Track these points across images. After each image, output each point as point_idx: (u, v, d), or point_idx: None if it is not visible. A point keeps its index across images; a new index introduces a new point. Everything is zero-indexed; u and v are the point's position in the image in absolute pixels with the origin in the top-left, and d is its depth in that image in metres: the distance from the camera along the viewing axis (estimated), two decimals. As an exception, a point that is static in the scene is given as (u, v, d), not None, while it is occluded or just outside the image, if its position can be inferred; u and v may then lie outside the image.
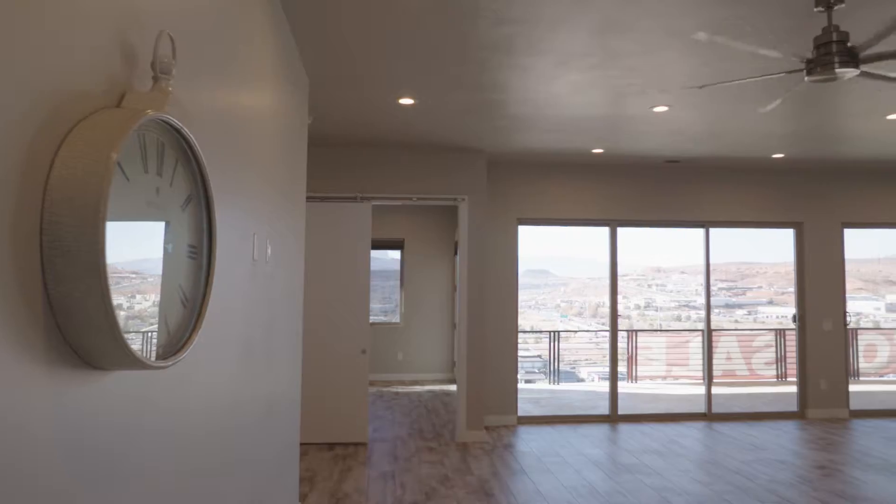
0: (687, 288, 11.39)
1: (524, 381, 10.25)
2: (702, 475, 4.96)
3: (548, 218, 6.94)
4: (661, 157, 6.54)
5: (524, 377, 10.35)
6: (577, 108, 4.71)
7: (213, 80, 2.01)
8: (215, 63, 2.02)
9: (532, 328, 10.74)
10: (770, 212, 7.18)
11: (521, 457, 5.52)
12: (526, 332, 10.55)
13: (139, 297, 1.32)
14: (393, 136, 5.70)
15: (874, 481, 4.79)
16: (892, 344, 10.29)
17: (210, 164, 1.97)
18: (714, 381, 9.69)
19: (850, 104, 4.66)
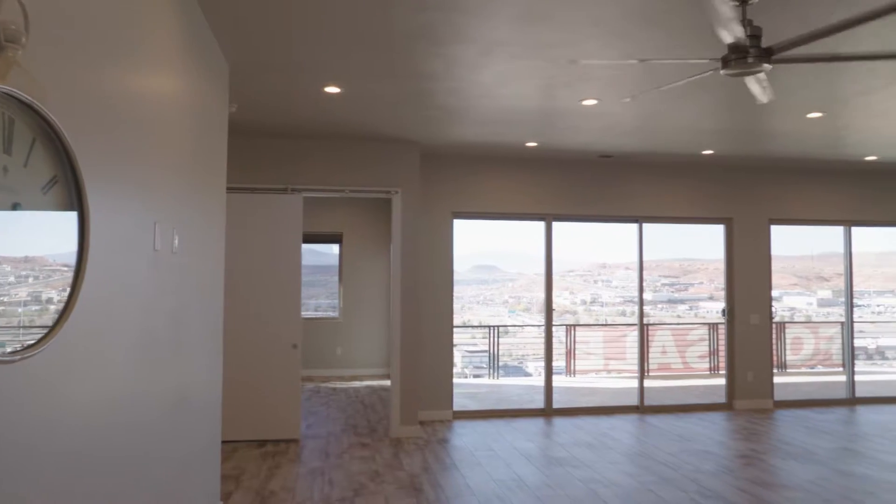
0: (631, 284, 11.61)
1: (472, 376, 10.28)
2: (630, 467, 5.02)
3: (483, 212, 6.92)
4: (595, 152, 6.60)
5: (473, 372, 10.39)
6: (507, 99, 4.69)
7: (97, 60, 1.87)
8: (99, 42, 1.88)
9: (480, 323, 10.76)
10: (701, 208, 7.34)
11: (453, 451, 5.48)
12: (462, 328, 10.58)
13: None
14: (322, 126, 5.56)
15: (791, 469, 4.94)
16: (817, 337, 10.72)
17: (92, 147, 1.83)
18: (650, 374, 9.89)
19: (772, 102, 4.77)
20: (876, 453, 5.40)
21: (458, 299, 12.04)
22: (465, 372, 10.51)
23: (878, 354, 11.23)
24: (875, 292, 11.74)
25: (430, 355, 6.73)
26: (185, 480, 3.10)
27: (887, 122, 5.31)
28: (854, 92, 4.46)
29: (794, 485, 4.56)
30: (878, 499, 4.29)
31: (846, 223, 7.74)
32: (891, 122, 5.29)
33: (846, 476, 4.77)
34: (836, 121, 5.23)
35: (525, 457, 5.30)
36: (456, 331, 10.57)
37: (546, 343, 7.08)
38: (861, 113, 4.99)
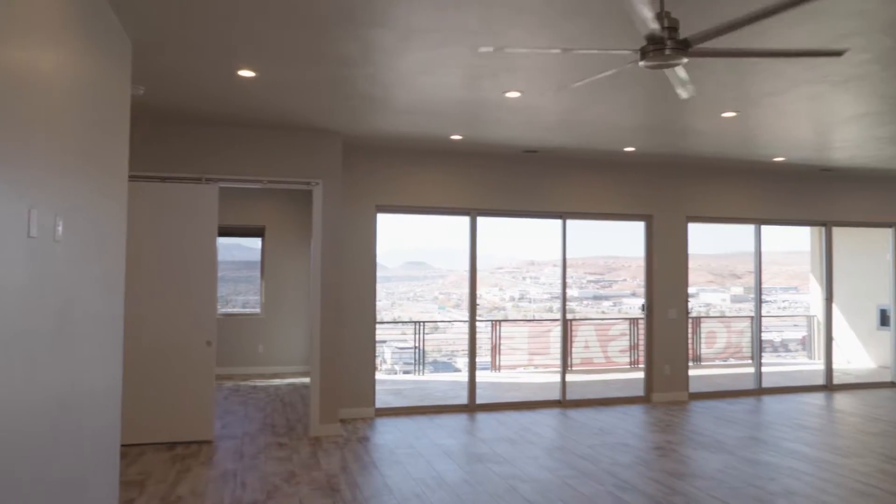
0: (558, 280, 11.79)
1: (402, 372, 10.18)
2: (549, 462, 5.03)
3: (408, 206, 6.81)
4: (520, 147, 6.60)
5: (403, 368, 10.29)
6: (429, 89, 4.59)
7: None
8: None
9: (410, 319, 10.66)
10: (623, 204, 7.49)
11: (374, 449, 5.36)
12: (389, 324, 10.48)
13: None
14: (239, 113, 5.31)
15: (702, 458, 5.08)
16: (729, 331, 11.20)
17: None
18: (573, 368, 10.06)
19: (690, 101, 4.88)
20: (778, 440, 5.64)
21: (389, 295, 11.95)
22: (394, 368, 10.40)
23: (782, 347, 11.86)
24: (781, 289, 12.40)
25: (352, 352, 6.57)
26: (73, 492, 2.85)
27: (794, 124, 5.54)
28: (764, 92, 4.61)
29: (704, 474, 4.69)
30: (778, 483, 4.46)
31: (757, 221, 8.07)
32: (797, 123, 5.52)
33: (752, 463, 4.95)
34: (748, 120, 5.41)
35: (446, 454, 5.24)
36: (386, 327, 10.52)
37: (470, 339, 7.05)
38: (771, 113, 5.18)
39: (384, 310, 11.24)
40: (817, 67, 4.07)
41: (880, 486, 4.43)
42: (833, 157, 7.08)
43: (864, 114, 5.22)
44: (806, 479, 4.60)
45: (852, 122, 5.48)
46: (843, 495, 4.25)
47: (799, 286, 12.08)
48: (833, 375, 8.38)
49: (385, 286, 11.42)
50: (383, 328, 10.52)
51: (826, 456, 5.18)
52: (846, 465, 4.92)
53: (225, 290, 9.90)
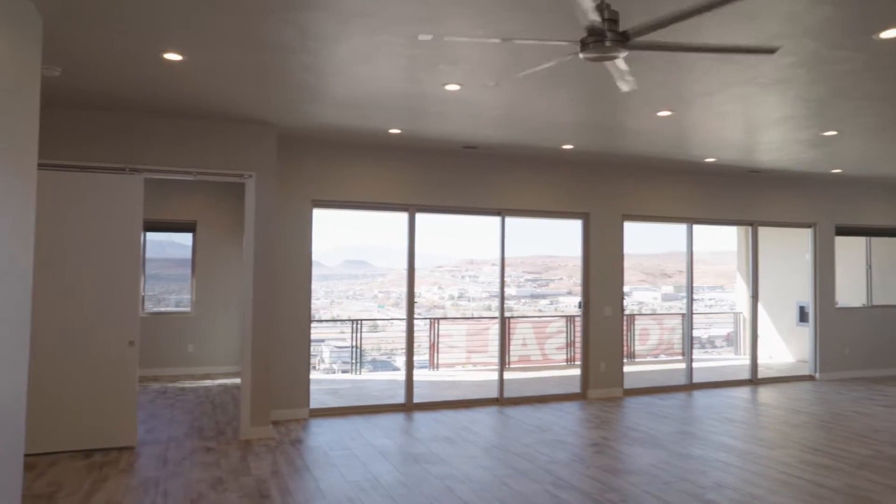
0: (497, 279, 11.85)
1: (341, 372, 9.98)
2: (487, 460, 4.99)
3: (345, 201, 6.64)
4: (460, 143, 6.54)
5: (342, 367, 10.08)
6: (367, 80, 4.46)
7: None
8: None
9: (349, 318, 10.47)
10: (561, 202, 7.54)
11: (307, 452, 5.19)
12: (326, 322, 10.28)
13: None
14: (166, 100, 5.03)
15: (636, 454, 5.15)
16: (661, 328, 11.50)
17: None
18: (510, 366, 10.11)
19: (627, 99, 4.92)
20: (708, 434, 5.78)
21: (328, 294, 11.72)
22: (333, 367, 10.20)
23: (709, 343, 12.29)
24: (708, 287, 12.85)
25: (286, 351, 6.36)
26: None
27: (724, 125, 5.68)
28: (698, 92, 4.69)
29: (638, 469, 4.74)
30: (709, 477, 4.55)
31: (689, 221, 8.28)
32: (727, 124, 5.66)
33: (684, 458, 5.04)
34: (682, 120, 5.51)
35: (382, 455, 5.12)
36: (324, 326, 10.30)
37: (408, 338, 6.94)
38: (703, 113, 5.28)
39: (323, 308, 11.04)
40: (748, 69, 4.16)
41: (803, 477, 4.58)
42: (759, 158, 7.33)
43: (789, 117, 5.40)
44: (734, 471, 4.71)
45: (777, 124, 5.66)
46: (769, 486, 4.37)
47: (724, 285, 12.53)
48: (758, 370, 8.69)
49: (324, 284, 11.23)
50: (322, 327, 10.32)
51: (753, 448, 5.34)
52: (771, 457, 5.07)
53: (158, 288, 9.47)
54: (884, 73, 4.25)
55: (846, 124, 5.65)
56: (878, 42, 3.67)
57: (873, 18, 3.34)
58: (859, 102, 4.94)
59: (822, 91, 4.64)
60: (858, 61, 4.00)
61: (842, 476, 4.61)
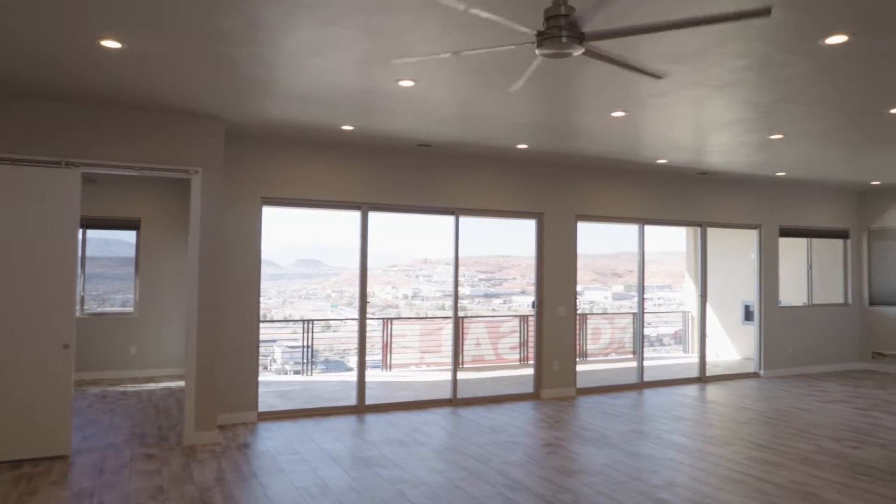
0: (451, 278, 11.81)
1: (293, 372, 9.77)
2: (439, 463, 4.91)
3: (296, 199, 6.47)
4: (414, 140, 6.45)
5: (294, 368, 9.87)
6: (317, 74, 4.33)
7: None
8: None
9: (302, 318, 10.27)
10: (515, 202, 7.52)
11: (255, 457, 5.01)
12: (275, 322, 10.06)
13: None
14: (105, 91, 4.79)
15: (589, 454, 5.15)
16: (613, 327, 11.65)
17: None
18: (464, 366, 10.07)
19: (581, 98, 4.92)
20: (659, 433, 5.84)
21: (281, 293, 11.48)
22: (285, 368, 9.98)
23: (657, 341, 12.53)
24: (658, 287, 13.11)
25: (233, 353, 6.15)
26: None
27: (676, 126, 5.74)
28: (651, 93, 4.71)
29: (591, 470, 4.74)
30: (660, 476, 4.58)
31: (641, 221, 8.38)
32: (679, 126, 5.73)
33: (636, 457, 5.07)
34: (636, 121, 5.55)
35: (333, 459, 4.98)
36: (277, 326, 10.06)
37: (360, 338, 6.81)
38: (656, 114, 5.33)
39: (275, 308, 10.83)
40: (701, 71, 4.19)
41: (750, 473, 4.65)
42: (709, 161, 7.47)
43: (738, 120, 5.50)
44: (685, 469, 4.76)
45: (727, 127, 5.76)
46: (719, 484, 4.42)
47: (673, 284, 12.79)
48: (706, 368, 8.87)
49: (276, 284, 11.04)
50: (274, 327, 10.11)
51: (702, 446, 5.41)
52: (720, 454, 5.15)
53: (103, 287, 9.07)
54: (828, 79, 4.34)
55: (792, 128, 5.79)
56: (823, 48, 3.74)
57: (819, 24, 3.40)
58: (804, 107, 5.05)
59: (770, 95, 4.72)
60: (805, 66, 4.08)
61: (786, 472, 4.70)
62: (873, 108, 5.11)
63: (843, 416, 6.63)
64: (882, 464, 4.94)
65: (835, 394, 7.86)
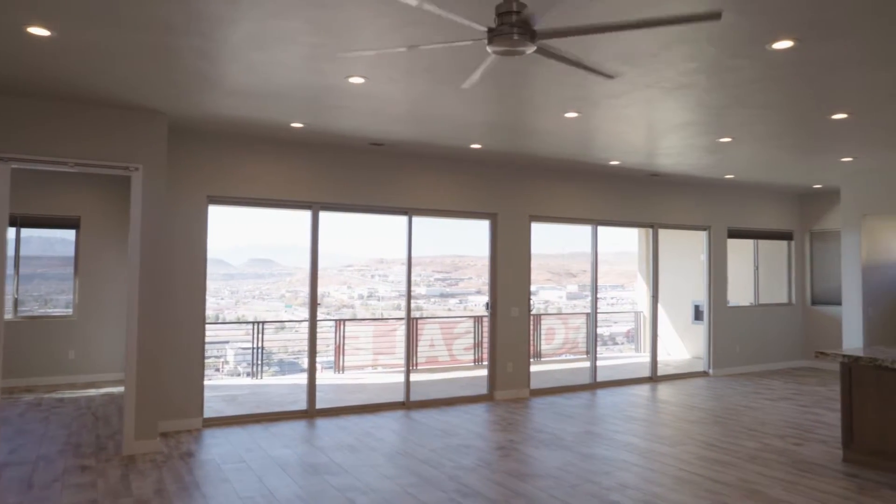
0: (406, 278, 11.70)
1: (246, 374, 9.51)
2: (391, 469, 4.81)
3: (244, 197, 6.27)
4: (366, 139, 6.32)
5: (247, 370, 9.61)
6: (264, 68, 4.17)
7: None
8: None
9: (255, 318, 10.01)
10: (469, 202, 7.46)
11: (198, 466, 4.81)
12: (223, 324, 9.79)
13: None
14: (36, 81, 4.52)
15: (542, 457, 5.12)
16: (566, 327, 11.73)
17: None
18: (418, 367, 9.97)
19: (534, 99, 4.88)
20: (612, 433, 5.86)
21: (234, 294, 11.18)
22: (238, 370, 9.72)
23: (610, 340, 12.69)
24: (611, 286, 13.28)
25: (177, 356, 5.92)
26: None
27: (628, 128, 5.77)
28: (604, 94, 4.71)
29: (544, 473, 4.71)
30: (613, 478, 4.58)
31: (594, 222, 8.43)
32: (631, 127, 5.76)
33: (588, 459, 5.06)
34: (589, 122, 5.55)
35: (280, 466, 4.82)
36: (229, 327, 9.78)
37: (310, 340, 6.64)
38: (609, 115, 5.33)
39: (228, 308, 10.56)
40: (653, 72, 4.20)
41: (700, 473, 4.69)
42: (660, 163, 7.56)
43: (689, 122, 5.55)
44: (637, 470, 4.77)
45: (678, 129, 5.82)
46: (670, 485, 4.44)
47: (625, 284, 12.98)
48: (657, 367, 8.99)
49: (229, 284, 10.78)
50: (226, 329, 9.83)
51: (654, 446, 5.44)
52: (671, 454, 5.18)
53: (45, 288, 8.64)
54: (775, 84, 4.41)
55: (740, 132, 5.88)
56: (770, 53, 3.78)
57: (766, 29, 3.43)
58: (753, 111, 5.13)
59: (720, 98, 4.77)
60: (754, 70, 4.12)
61: (734, 470, 4.76)
62: (816, 114, 5.23)
63: (788, 413, 6.79)
64: (823, 460, 5.06)
65: (780, 391, 8.05)
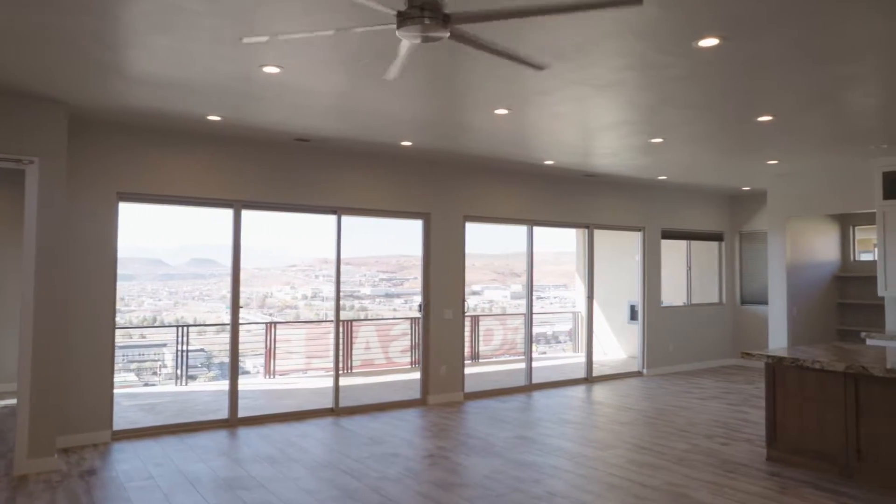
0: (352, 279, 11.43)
1: (191, 378, 9.09)
2: (311, 482, 4.55)
3: (160, 195, 5.88)
4: (290, 134, 6.02)
5: (189, 374, 9.20)
6: (168, 55, 3.85)
7: None
8: None
9: (195, 321, 9.59)
10: (401, 201, 7.25)
11: (99, 486, 4.44)
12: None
13: None
14: (-89, 63, 4.07)
15: (471, 464, 4.96)
16: (505, 328, 11.66)
17: None
18: (352, 371, 9.70)
19: (462, 94, 4.71)
20: (544, 438, 5.76)
21: (172, 295, 10.68)
22: (176, 373, 9.30)
23: (553, 339, 12.72)
24: (554, 286, 13.32)
25: (83, 364, 5.49)
26: None
27: (562, 126, 5.67)
28: (534, 90, 4.58)
29: (472, 482, 4.54)
30: (542, 485, 4.45)
31: (529, 222, 8.35)
32: (564, 126, 5.66)
33: (518, 465, 4.93)
34: (521, 119, 5.41)
35: (191, 483, 4.50)
36: (165, 331, 9.31)
37: (231, 344, 6.29)
38: (540, 113, 5.21)
39: (166, 310, 10.15)
40: (583, 68, 4.09)
41: (630, 478, 4.62)
42: (595, 163, 7.53)
43: (621, 122, 5.50)
44: (566, 476, 4.66)
45: (611, 129, 5.76)
46: (598, 491, 4.35)
47: (568, 284, 13.04)
48: (593, 368, 8.99)
49: (168, 284, 10.40)
50: (161, 332, 9.42)
51: (584, 450, 5.36)
52: (601, 459, 5.11)
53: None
54: (702, 83, 4.37)
55: (671, 132, 5.88)
56: (696, 50, 3.72)
57: (692, 25, 3.35)
58: (682, 111, 5.11)
59: (650, 97, 4.71)
60: (681, 68, 4.06)
61: (663, 473, 4.71)
62: (743, 116, 5.25)
63: (717, 412, 6.85)
64: (748, 459, 5.08)
65: (710, 390, 8.16)
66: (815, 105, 4.89)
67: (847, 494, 4.29)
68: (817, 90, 4.51)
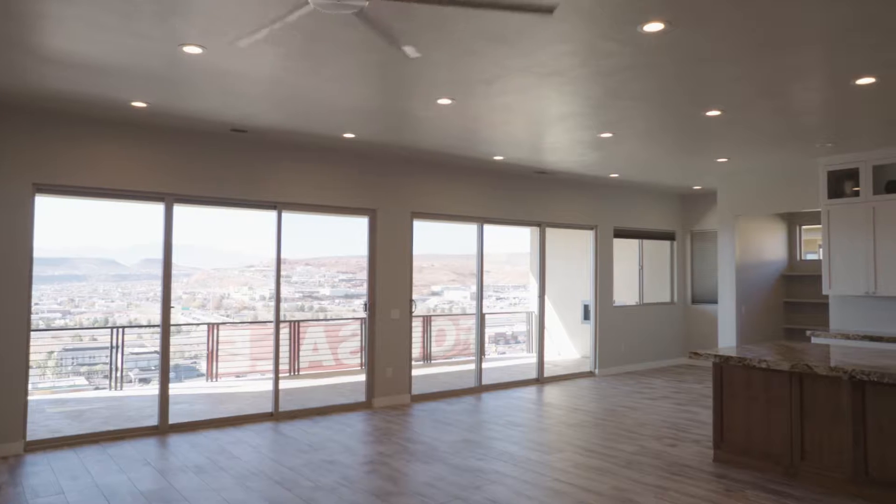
0: (311, 279, 11.08)
1: (139, 381, 8.70)
2: (238, 493, 4.25)
3: (82, 187, 5.49)
4: (226, 125, 5.70)
5: (138, 377, 8.81)
6: (77, 32, 3.53)
7: None
8: None
9: (149, 322, 9.16)
10: (346, 197, 6.98)
11: (1, 503, 4.06)
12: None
13: None
14: None
15: (413, 471, 4.73)
16: (458, 328, 11.47)
17: None
18: (300, 373, 9.38)
19: (402, 81, 4.49)
20: (489, 441, 5.57)
21: (125, 295, 10.21)
22: (129, 376, 8.88)
23: (512, 339, 12.59)
24: (513, 286, 13.21)
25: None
26: None
27: (509, 118, 5.49)
28: (476, 79, 4.38)
29: (410, 490, 4.31)
30: (483, 492, 4.25)
31: (479, 220, 8.17)
32: (510, 118, 5.48)
33: (461, 471, 4.72)
34: (465, 111, 5.21)
35: (106, 497, 4.15)
36: (119, 333, 8.88)
37: (162, 347, 5.93)
38: (485, 104, 5.02)
39: (119, 311, 9.73)
40: (525, 55, 3.90)
41: (575, 483, 4.46)
42: (545, 159, 7.39)
43: (568, 114, 5.35)
44: (510, 482, 4.47)
45: (558, 122, 5.61)
46: (541, 497, 4.17)
47: (527, 284, 12.94)
48: (544, 368, 8.86)
49: (121, 285, 10.04)
50: (125, 332, 8.97)
51: (530, 454, 5.19)
52: (547, 463, 4.94)
53: None
54: (649, 73, 4.24)
55: (619, 126, 5.76)
56: (641, 35, 3.57)
57: (636, 7, 3.20)
58: (629, 103, 4.98)
59: (597, 88, 4.57)
60: (627, 57, 3.92)
61: (608, 478, 4.57)
62: (691, 110, 5.15)
63: (666, 412, 6.78)
64: (695, 461, 4.98)
65: (660, 390, 8.11)
66: (762, 98, 4.82)
67: (791, 495, 4.21)
68: (763, 82, 4.43)
